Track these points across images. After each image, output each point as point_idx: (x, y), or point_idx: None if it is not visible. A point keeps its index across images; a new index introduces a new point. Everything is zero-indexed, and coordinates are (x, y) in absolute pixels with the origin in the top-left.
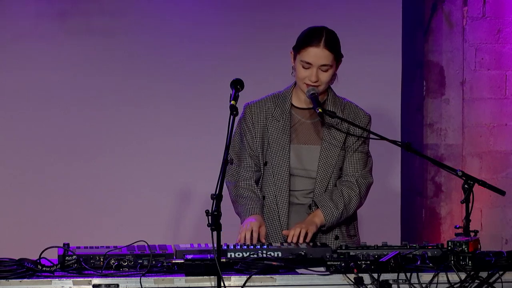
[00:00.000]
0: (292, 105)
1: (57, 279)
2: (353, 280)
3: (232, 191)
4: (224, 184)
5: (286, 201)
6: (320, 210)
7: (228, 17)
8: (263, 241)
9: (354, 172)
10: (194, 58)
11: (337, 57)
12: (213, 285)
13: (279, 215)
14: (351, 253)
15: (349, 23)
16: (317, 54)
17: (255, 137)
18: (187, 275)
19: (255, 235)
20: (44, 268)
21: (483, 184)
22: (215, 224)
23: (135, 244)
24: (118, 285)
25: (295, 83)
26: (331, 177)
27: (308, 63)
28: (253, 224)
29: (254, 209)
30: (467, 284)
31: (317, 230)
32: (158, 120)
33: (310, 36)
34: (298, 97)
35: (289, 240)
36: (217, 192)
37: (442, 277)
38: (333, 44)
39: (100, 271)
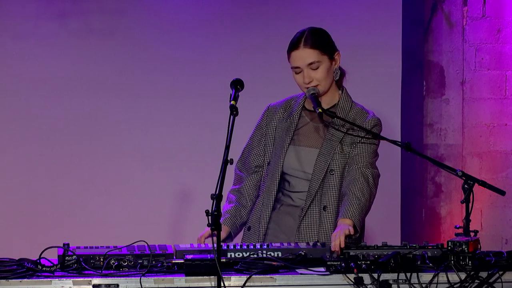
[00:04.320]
0: (304, 107)
1: (57, 279)
2: (353, 280)
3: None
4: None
5: (272, 199)
6: (340, 218)
7: (229, 17)
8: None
9: (357, 163)
10: (194, 58)
11: (326, 52)
12: (213, 285)
13: (261, 213)
14: (351, 253)
15: (349, 23)
16: (299, 55)
17: (264, 137)
18: (187, 275)
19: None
20: (44, 268)
21: (483, 184)
22: (215, 224)
23: (135, 244)
24: (118, 285)
25: None
26: (324, 177)
27: (296, 67)
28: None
29: (225, 221)
30: (467, 284)
31: (354, 229)
32: (158, 120)
33: (292, 42)
34: (308, 99)
35: (335, 249)
36: (217, 192)
37: (442, 277)
38: (315, 40)
39: (100, 271)
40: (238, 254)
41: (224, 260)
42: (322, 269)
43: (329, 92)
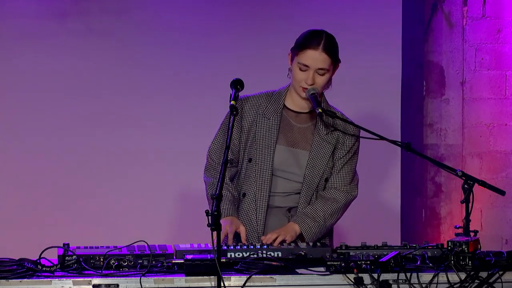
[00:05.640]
0: (285, 106)
1: (57, 279)
2: (353, 280)
3: (208, 189)
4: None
5: (266, 201)
6: (295, 222)
7: (229, 17)
8: (245, 242)
9: (345, 186)
10: (194, 58)
11: (335, 62)
12: (213, 285)
13: (256, 214)
14: (351, 253)
15: (349, 23)
16: (315, 57)
17: (241, 132)
18: (187, 275)
19: (230, 236)
20: (44, 268)
21: (483, 184)
22: (215, 224)
23: (135, 244)
24: (118, 285)
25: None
26: (318, 185)
27: (305, 65)
28: (228, 227)
29: (229, 210)
30: (467, 284)
31: (295, 238)
32: (159, 119)
33: (309, 39)
34: (292, 99)
35: (264, 241)
36: (217, 192)
37: (442, 277)
38: (331, 48)
39: (100, 271)
40: (238, 254)
41: (224, 260)
42: (322, 269)
43: None
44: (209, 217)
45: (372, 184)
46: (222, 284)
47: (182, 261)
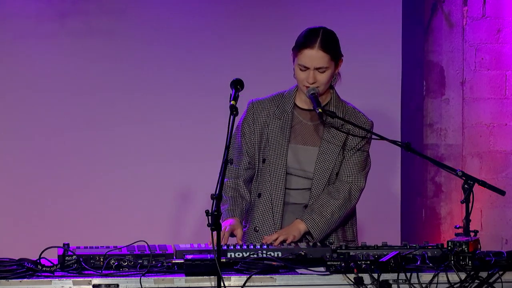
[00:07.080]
0: (295, 105)
1: (57, 279)
2: (353, 280)
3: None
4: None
5: (281, 200)
6: (301, 220)
7: (229, 16)
8: (239, 242)
9: (349, 177)
10: (194, 58)
11: (335, 58)
12: (213, 285)
13: (273, 213)
14: (351, 253)
15: (349, 23)
16: (312, 56)
17: (253, 134)
18: (187, 275)
19: (226, 235)
20: (44, 268)
21: (483, 184)
22: (215, 224)
23: (135, 244)
24: (118, 285)
25: None
26: (328, 180)
27: (304, 66)
28: (225, 226)
29: (233, 211)
30: (467, 284)
31: (300, 236)
32: (159, 120)
33: (305, 38)
34: (301, 97)
35: (264, 241)
36: (217, 192)
37: (442, 277)
38: (329, 44)
39: (100, 271)
40: (238, 254)
41: (224, 260)
42: (322, 269)
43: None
44: (209, 217)
45: (372, 184)
46: (222, 284)
47: (182, 261)
